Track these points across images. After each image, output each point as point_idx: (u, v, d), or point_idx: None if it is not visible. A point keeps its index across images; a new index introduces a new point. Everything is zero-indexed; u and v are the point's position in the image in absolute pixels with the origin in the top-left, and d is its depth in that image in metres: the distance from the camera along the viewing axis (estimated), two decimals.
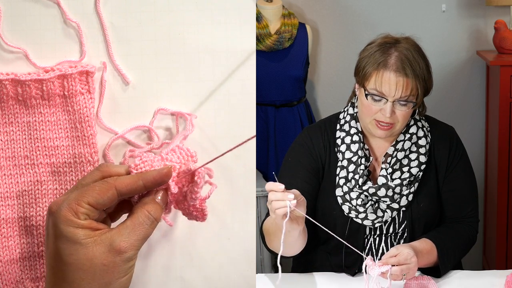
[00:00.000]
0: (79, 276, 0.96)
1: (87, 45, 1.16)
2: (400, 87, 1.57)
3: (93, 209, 0.99)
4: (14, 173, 1.15)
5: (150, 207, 1.02)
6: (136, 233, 0.99)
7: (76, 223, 0.97)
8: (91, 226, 0.98)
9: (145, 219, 1.01)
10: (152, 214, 1.02)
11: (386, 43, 1.63)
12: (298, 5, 3.22)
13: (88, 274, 0.96)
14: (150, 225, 1.01)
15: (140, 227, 1.00)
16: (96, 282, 0.96)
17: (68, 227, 0.97)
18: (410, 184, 1.66)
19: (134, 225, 1.00)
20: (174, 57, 1.18)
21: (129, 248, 0.98)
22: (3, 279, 1.14)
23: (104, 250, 0.97)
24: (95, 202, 0.99)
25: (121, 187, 1.01)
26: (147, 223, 1.01)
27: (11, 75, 1.13)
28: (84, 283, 0.96)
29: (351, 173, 1.64)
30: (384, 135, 1.63)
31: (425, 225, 1.69)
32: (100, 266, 0.96)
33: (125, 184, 1.01)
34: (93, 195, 0.99)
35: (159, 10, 1.18)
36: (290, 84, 2.93)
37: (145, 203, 1.03)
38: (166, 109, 1.17)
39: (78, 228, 0.97)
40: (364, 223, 1.65)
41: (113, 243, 0.97)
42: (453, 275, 1.64)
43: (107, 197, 1.00)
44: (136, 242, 0.99)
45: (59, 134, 1.15)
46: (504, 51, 2.99)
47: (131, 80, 1.18)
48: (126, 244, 0.98)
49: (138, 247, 0.99)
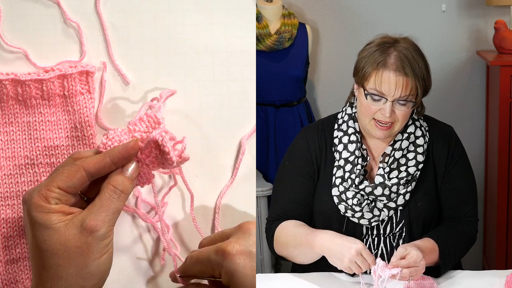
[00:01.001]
0: (56, 262, 0.96)
1: (87, 45, 1.16)
2: (400, 86, 1.57)
3: (64, 193, 0.99)
4: (14, 173, 1.15)
5: (114, 181, 1.01)
6: (104, 208, 0.99)
7: (47, 208, 0.97)
8: (63, 210, 0.98)
9: (111, 193, 1.00)
10: (117, 187, 1.01)
11: (385, 43, 1.62)
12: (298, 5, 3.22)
13: (63, 259, 0.96)
14: (118, 198, 1.00)
15: (107, 202, 0.99)
16: (72, 266, 0.96)
17: (40, 213, 0.97)
18: (407, 183, 1.66)
19: (101, 201, 0.99)
20: (174, 57, 1.18)
21: (99, 226, 0.97)
22: (3, 279, 1.14)
23: (76, 232, 0.96)
24: (65, 186, 0.99)
25: (89, 166, 1.00)
26: (113, 197, 1.00)
27: (11, 75, 1.13)
28: (61, 268, 0.96)
29: (347, 173, 1.64)
30: (383, 135, 1.63)
31: (423, 225, 1.69)
32: (74, 249, 0.96)
33: (93, 163, 1.01)
34: (61, 179, 0.99)
35: (159, 10, 1.18)
36: (290, 84, 2.93)
37: (110, 178, 1.02)
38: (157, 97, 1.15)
39: (50, 213, 0.97)
40: (360, 222, 1.65)
41: (83, 222, 0.97)
42: (453, 275, 1.64)
43: (76, 179, 0.99)
44: (106, 217, 0.98)
45: (59, 134, 1.16)
46: (504, 51, 2.99)
47: (131, 80, 1.18)
48: (96, 222, 0.97)
49: (109, 222, 0.99)
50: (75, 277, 0.96)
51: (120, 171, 1.03)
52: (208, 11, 1.18)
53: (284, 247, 1.65)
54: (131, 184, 1.03)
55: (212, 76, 1.19)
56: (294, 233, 1.62)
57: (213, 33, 1.18)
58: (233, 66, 1.19)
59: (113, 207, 1.00)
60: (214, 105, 1.19)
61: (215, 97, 1.19)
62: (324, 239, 1.54)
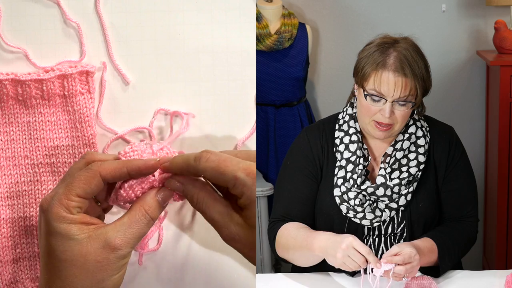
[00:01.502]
0: (73, 273, 0.95)
1: (87, 45, 1.16)
2: (399, 87, 1.57)
3: (83, 200, 0.98)
4: (14, 173, 1.15)
5: (148, 205, 1.01)
6: (132, 230, 0.98)
7: (69, 219, 0.96)
8: (84, 220, 0.98)
9: (142, 217, 1.00)
10: (149, 214, 1.00)
11: (385, 43, 1.62)
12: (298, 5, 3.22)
13: (81, 270, 0.95)
14: (147, 224, 1.00)
15: (136, 224, 0.99)
16: (89, 279, 0.95)
17: (61, 224, 0.96)
18: (409, 183, 1.66)
19: (131, 222, 0.99)
20: (174, 57, 1.18)
21: (123, 245, 0.97)
22: (3, 279, 1.14)
23: (98, 246, 0.96)
24: (84, 193, 0.98)
25: (105, 173, 0.99)
26: (143, 221, 1.00)
27: (11, 75, 1.13)
28: (77, 280, 0.95)
29: (349, 173, 1.64)
30: (383, 136, 1.63)
31: (424, 225, 1.69)
32: (94, 263, 0.96)
33: (110, 170, 1.00)
34: (80, 186, 0.98)
35: (159, 10, 1.18)
36: (290, 84, 2.93)
37: (144, 201, 1.01)
38: (166, 109, 1.17)
39: (71, 224, 0.96)
40: (362, 223, 1.65)
41: (108, 239, 0.96)
42: (453, 275, 1.64)
43: (94, 185, 0.99)
44: (131, 240, 0.98)
45: (59, 134, 1.15)
46: (504, 51, 2.99)
47: (131, 80, 1.18)
48: (121, 241, 0.97)
49: (132, 245, 0.98)
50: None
51: (154, 195, 1.02)
52: (208, 11, 1.18)
53: (285, 249, 1.65)
54: (160, 210, 1.03)
55: (212, 76, 1.19)
56: (295, 235, 1.62)
57: (213, 33, 1.18)
58: (233, 66, 1.19)
59: (140, 230, 0.99)
60: (214, 105, 1.19)
61: (215, 97, 1.19)
62: (322, 240, 1.54)
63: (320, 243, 1.54)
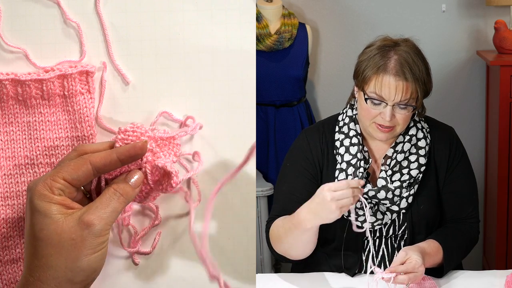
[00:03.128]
0: (48, 252, 0.96)
1: (87, 45, 1.16)
2: (400, 91, 1.56)
3: (68, 185, 1.00)
4: (14, 173, 1.15)
5: (116, 185, 1.03)
6: (102, 206, 1.00)
7: (49, 197, 0.98)
8: (65, 203, 0.99)
9: (111, 194, 1.01)
10: (118, 190, 1.02)
11: (385, 46, 1.62)
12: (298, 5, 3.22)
13: (56, 249, 0.96)
14: (117, 200, 1.01)
15: (106, 200, 1.00)
16: (63, 258, 0.96)
17: (42, 202, 0.98)
18: (409, 186, 1.66)
19: (101, 200, 1.01)
20: (174, 57, 1.18)
21: (96, 220, 0.98)
22: (3, 279, 1.14)
23: (72, 225, 0.97)
24: (70, 177, 1.00)
25: (95, 161, 1.01)
26: (113, 198, 1.01)
27: (11, 75, 1.13)
28: (52, 258, 0.96)
29: (350, 176, 1.64)
30: (385, 137, 1.63)
31: (426, 227, 1.69)
32: (68, 241, 0.96)
33: (99, 158, 1.02)
34: (67, 171, 1.00)
35: (159, 10, 1.17)
36: (290, 84, 2.93)
37: (114, 182, 1.04)
38: (169, 113, 1.17)
39: (51, 203, 0.98)
40: (363, 226, 1.65)
41: (82, 216, 0.98)
42: (453, 275, 1.64)
43: (82, 172, 1.00)
44: (103, 214, 0.99)
45: (59, 134, 1.15)
46: (504, 51, 2.99)
47: (131, 80, 1.18)
48: (94, 217, 0.98)
49: (106, 220, 0.99)
50: (64, 269, 0.96)
51: (124, 178, 1.04)
52: (208, 11, 1.18)
53: (278, 240, 1.64)
54: (133, 191, 1.04)
55: (212, 76, 1.19)
56: (281, 223, 1.62)
57: (213, 33, 1.18)
58: (233, 66, 1.19)
59: (111, 206, 1.00)
60: (214, 105, 1.19)
61: (215, 97, 1.19)
62: (303, 209, 1.52)
63: (304, 213, 1.51)
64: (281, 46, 2.89)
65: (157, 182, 1.08)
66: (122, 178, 1.05)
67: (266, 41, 2.85)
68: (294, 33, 2.93)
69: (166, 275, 1.20)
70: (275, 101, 2.92)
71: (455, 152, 1.73)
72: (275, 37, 2.86)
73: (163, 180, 1.08)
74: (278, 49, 2.89)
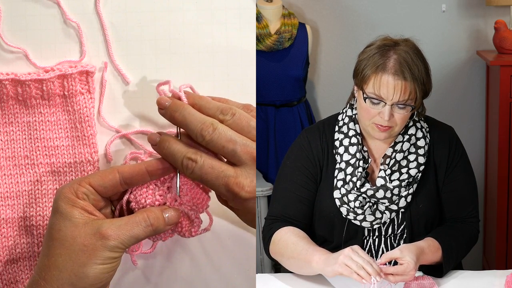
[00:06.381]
0: (59, 252, 0.97)
1: (87, 45, 1.16)
2: (399, 90, 1.56)
3: (94, 192, 1.01)
4: (14, 173, 1.15)
5: (151, 213, 1.02)
6: (127, 228, 0.99)
7: (73, 200, 0.99)
8: (87, 208, 1.00)
9: (141, 220, 1.01)
10: (150, 219, 1.02)
11: (385, 46, 1.62)
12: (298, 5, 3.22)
13: (67, 251, 0.97)
14: (144, 228, 1.01)
15: (133, 224, 1.00)
16: (71, 260, 0.97)
17: (65, 204, 0.99)
18: (409, 185, 1.66)
19: (129, 220, 1.00)
20: (174, 57, 1.18)
21: (113, 237, 0.98)
22: (3, 279, 1.14)
23: (89, 232, 0.98)
24: (96, 184, 1.01)
25: (123, 170, 1.02)
26: (142, 224, 1.01)
27: (11, 75, 1.13)
28: (61, 259, 0.97)
29: (349, 175, 1.64)
30: (383, 137, 1.63)
31: (425, 226, 1.69)
32: (80, 246, 0.97)
33: (128, 167, 1.03)
34: (94, 177, 1.02)
35: (159, 10, 1.18)
36: (290, 84, 2.93)
37: (148, 209, 1.03)
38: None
39: (74, 207, 0.99)
40: (362, 225, 1.65)
41: (100, 227, 0.98)
42: (453, 275, 1.64)
43: (109, 179, 1.01)
44: (123, 235, 0.99)
45: (59, 134, 1.15)
46: (504, 51, 2.99)
47: (131, 80, 1.18)
48: (112, 233, 0.98)
49: (124, 241, 0.99)
50: (69, 272, 0.97)
51: (160, 209, 1.04)
52: (208, 11, 1.18)
53: (279, 254, 1.62)
54: (164, 225, 1.04)
55: (212, 76, 1.19)
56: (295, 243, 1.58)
57: (213, 33, 1.18)
58: (233, 66, 1.19)
59: (134, 231, 1.00)
60: None
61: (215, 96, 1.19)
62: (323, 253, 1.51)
63: (321, 255, 1.50)
64: (281, 46, 2.89)
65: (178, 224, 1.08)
66: (158, 208, 1.04)
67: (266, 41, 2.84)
68: (294, 33, 2.93)
69: (166, 275, 1.20)
70: (275, 101, 2.91)
71: (454, 151, 1.73)
72: (275, 37, 2.86)
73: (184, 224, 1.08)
74: (278, 49, 2.89)
